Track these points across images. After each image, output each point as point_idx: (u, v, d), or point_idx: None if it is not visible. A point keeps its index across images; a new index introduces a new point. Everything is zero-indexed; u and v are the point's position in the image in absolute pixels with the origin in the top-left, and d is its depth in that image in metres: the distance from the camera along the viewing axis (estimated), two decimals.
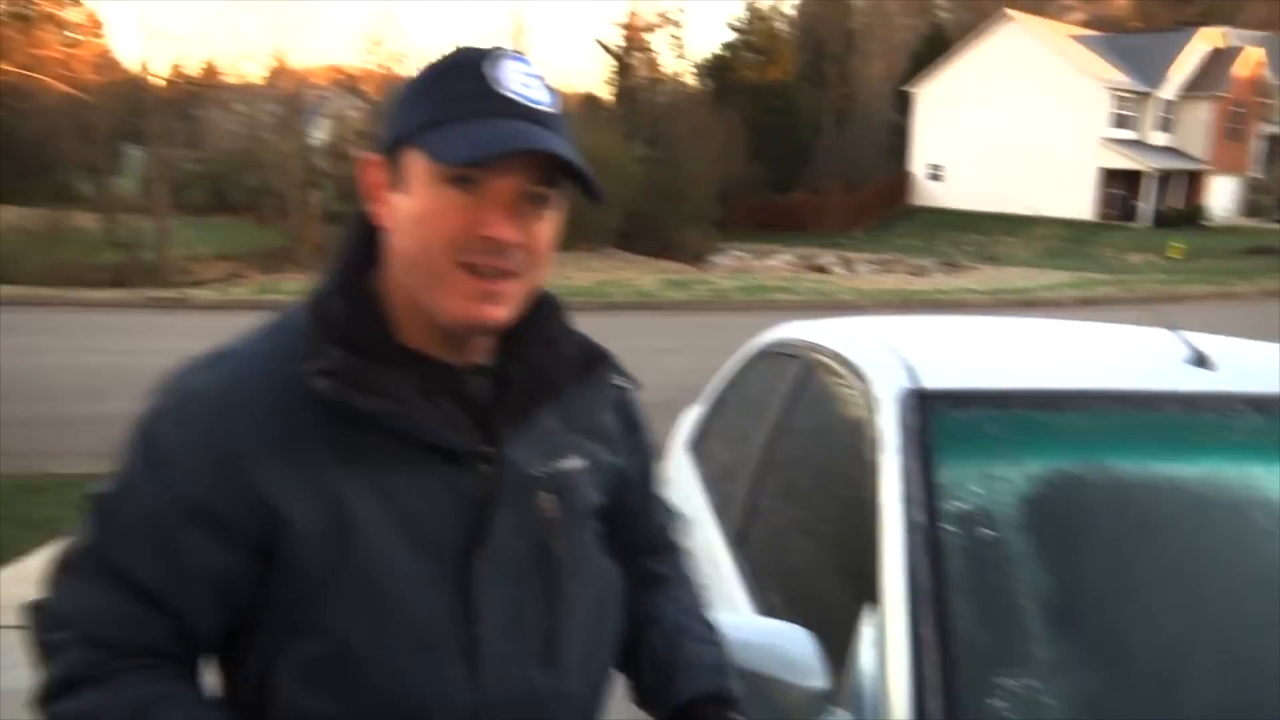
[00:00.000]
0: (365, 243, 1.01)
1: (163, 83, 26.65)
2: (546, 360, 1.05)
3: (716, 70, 39.84)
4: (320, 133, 32.60)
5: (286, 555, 0.92)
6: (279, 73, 29.52)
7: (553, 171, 0.95)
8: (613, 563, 1.13)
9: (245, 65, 30.37)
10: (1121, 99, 35.00)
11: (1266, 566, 1.41)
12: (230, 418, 0.93)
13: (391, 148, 0.97)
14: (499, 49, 0.97)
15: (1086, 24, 42.11)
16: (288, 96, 28.59)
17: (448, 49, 0.99)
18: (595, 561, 1.09)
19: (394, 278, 0.99)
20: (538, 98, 0.94)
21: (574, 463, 1.05)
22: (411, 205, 0.95)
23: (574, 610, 1.04)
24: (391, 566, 0.94)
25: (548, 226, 0.98)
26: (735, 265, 27.18)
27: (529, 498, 1.01)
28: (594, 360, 1.10)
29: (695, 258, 28.04)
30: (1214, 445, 1.55)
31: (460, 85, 0.94)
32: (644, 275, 19.80)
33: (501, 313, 0.96)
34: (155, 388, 0.98)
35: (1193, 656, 1.32)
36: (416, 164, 0.94)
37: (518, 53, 0.97)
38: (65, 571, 0.97)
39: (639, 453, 1.19)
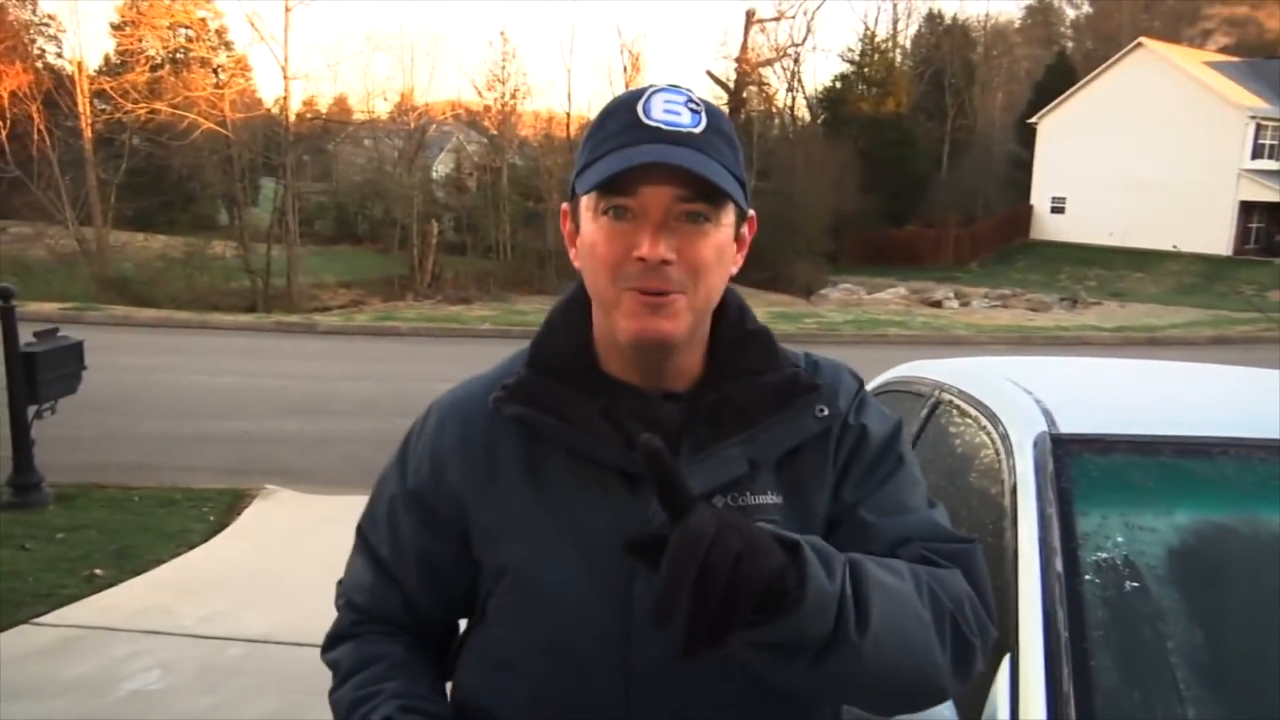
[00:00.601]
0: (584, 286, 1.06)
1: (296, 119, 28.04)
2: (741, 390, 1.02)
3: (830, 102, 39.56)
4: (441, 166, 33.79)
5: (474, 550, 1.05)
6: (404, 109, 30.72)
7: (707, 189, 0.95)
8: None
9: (373, 102, 31.58)
10: (1264, 127, 33.18)
11: None
12: (446, 426, 1.07)
13: (572, 194, 1.03)
14: (654, 86, 0.99)
15: (1231, 50, 40.10)
16: (412, 132, 29.72)
17: (563, 85, 1.02)
18: None
19: (595, 313, 1.05)
20: (679, 120, 0.96)
21: (766, 499, 1.00)
22: (582, 241, 1.01)
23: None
24: (552, 577, 0.98)
25: (709, 243, 0.97)
26: (846, 298, 26.82)
27: None
28: (799, 391, 1.04)
29: (805, 290, 27.81)
30: None
31: (612, 124, 0.98)
32: (753, 307, 19.61)
33: (671, 325, 0.96)
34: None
35: None
36: (581, 203, 1.00)
37: (672, 85, 0.99)
38: (352, 549, 1.16)
39: (864, 485, 1.05)
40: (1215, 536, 1.41)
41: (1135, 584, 1.30)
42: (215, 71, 28.22)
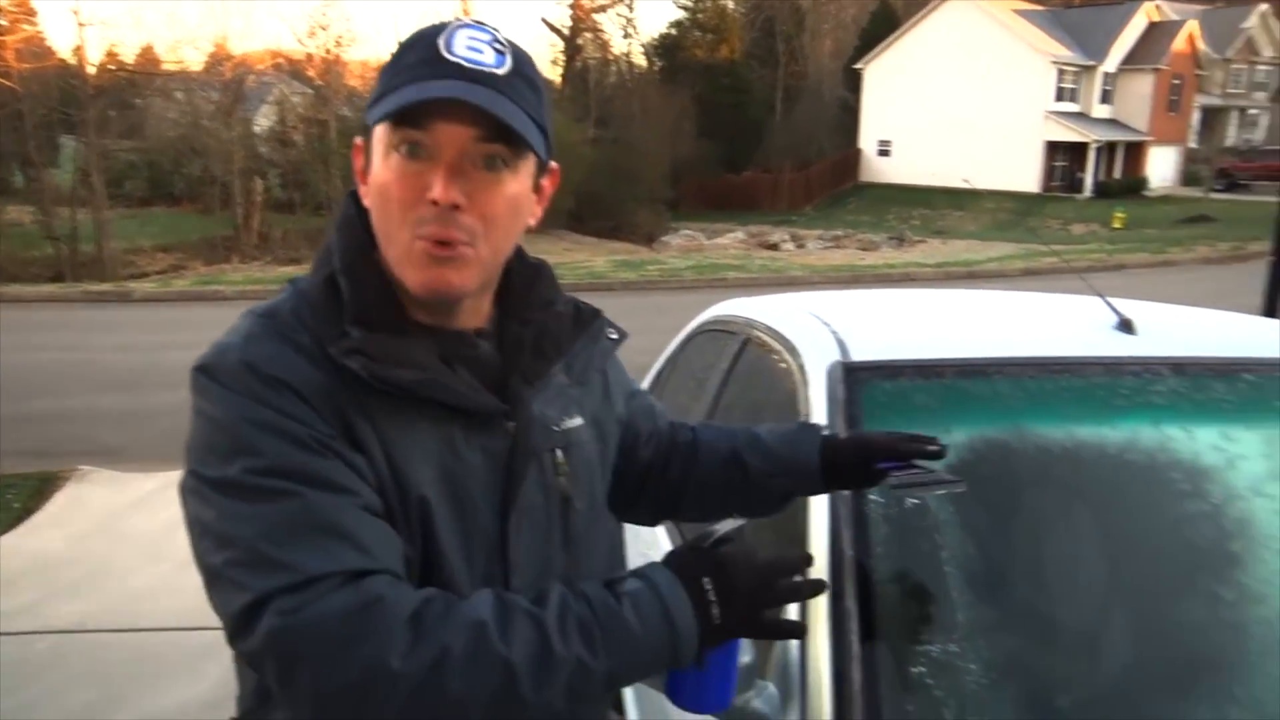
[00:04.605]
0: (362, 223, 1.01)
1: (97, 71, 25.82)
2: (548, 320, 1.08)
3: (666, 49, 39.67)
4: (264, 120, 31.96)
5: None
6: (219, 59, 28.80)
7: (505, 132, 0.93)
8: (612, 515, 1.20)
9: (184, 52, 29.45)
10: (1065, 72, 35.48)
11: (1184, 527, 1.44)
12: (296, 368, 0.92)
13: (365, 129, 0.99)
14: (458, 19, 0.97)
15: None
16: (229, 83, 27.95)
17: (391, 31, 0.99)
18: (605, 514, 1.15)
19: (386, 258, 0.99)
20: (483, 60, 0.94)
21: (578, 421, 1.08)
22: (374, 178, 0.97)
23: (591, 560, 1.09)
24: (437, 523, 0.96)
25: (503, 190, 0.95)
26: (687, 245, 27.20)
27: (549, 454, 1.04)
28: (589, 316, 1.13)
29: (647, 238, 28.05)
30: (1135, 409, 1.57)
31: (410, 56, 0.95)
32: (595, 256, 19.74)
33: (458, 278, 0.96)
34: (196, 386, 0.95)
35: (1112, 619, 1.34)
36: (375, 138, 0.97)
37: (478, 22, 0.98)
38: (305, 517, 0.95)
39: (633, 390, 1.28)
40: (988, 451, 1.51)
41: (915, 501, 1.37)
42: None
